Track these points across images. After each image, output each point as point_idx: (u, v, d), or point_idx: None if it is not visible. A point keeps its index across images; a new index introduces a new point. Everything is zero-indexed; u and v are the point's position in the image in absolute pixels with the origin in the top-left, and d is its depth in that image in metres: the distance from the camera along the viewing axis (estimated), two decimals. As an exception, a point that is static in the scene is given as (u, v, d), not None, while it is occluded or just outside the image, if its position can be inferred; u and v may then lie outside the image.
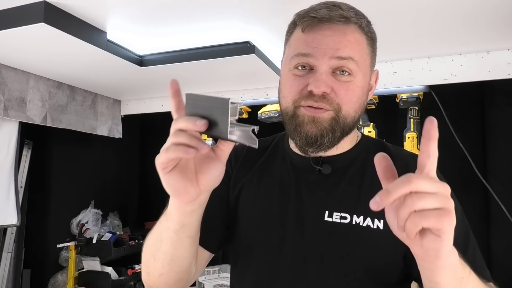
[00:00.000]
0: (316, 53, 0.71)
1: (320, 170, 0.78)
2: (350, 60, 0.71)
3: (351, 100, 0.72)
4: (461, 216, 0.75)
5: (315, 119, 0.71)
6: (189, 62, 1.97)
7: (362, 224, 0.72)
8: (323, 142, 0.72)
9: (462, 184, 2.21)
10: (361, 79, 0.74)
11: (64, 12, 1.55)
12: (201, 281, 2.54)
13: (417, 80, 2.08)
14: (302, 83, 0.72)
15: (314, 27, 0.72)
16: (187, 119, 0.54)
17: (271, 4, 1.47)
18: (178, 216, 0.64)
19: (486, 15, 1.55)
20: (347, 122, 0.73)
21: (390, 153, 0.76)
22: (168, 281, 0.74)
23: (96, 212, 2.89)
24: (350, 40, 0.72)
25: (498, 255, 2.10)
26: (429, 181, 0.48)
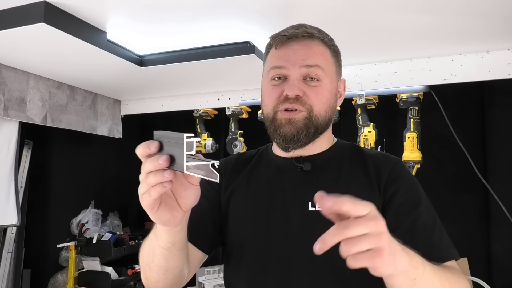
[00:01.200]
0: (288, 65, 0.85)
1: (302, 168, 0.89)
2: (317, 67, 0.85)
3: (321, 101, 0.85)
4: (427, 205, 0.85)
5: (291, 120, 0.84)
6: (189, 62, 1.97)
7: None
8: (300, 138, 0.84)
9: (462, 184, 2.21)
10: (328, 84, 0.87)
11: (64, 12, 1.55)
12: (201, 281, 2.54)
13: (417, 80, 2.08)
14: (279, 91, 0.85)
15: (284, 43, 0.87)
16: (151, 160, 0.58)
17: (271, 4, 1.47)
18: (168, 237, 0.72)
19: (486, 15, 1.55)
20: (319, 120, 0.85)
21: (363, 153, 0.91)
22: (164, 285, 0.83)
23: (96, 212, 2.89)
24: (315, 51, 0.86)
25: (498, 255, 2.10)
26: (357, 226, 0.51)
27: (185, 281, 0.89)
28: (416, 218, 0.81)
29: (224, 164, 1.01)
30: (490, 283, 1.87)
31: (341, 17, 1.56)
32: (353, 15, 1.54)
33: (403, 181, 0.86)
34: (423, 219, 0.82)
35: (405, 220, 0.81)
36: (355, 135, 2.21)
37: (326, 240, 0.52)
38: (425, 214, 0.82)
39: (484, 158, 2.18)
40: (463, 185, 2.20)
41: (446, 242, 0.83)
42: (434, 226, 0.83)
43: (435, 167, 2.23)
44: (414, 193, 0.85)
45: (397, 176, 0.86)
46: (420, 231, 0.80)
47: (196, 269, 0.93)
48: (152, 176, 0.58)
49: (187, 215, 0.71)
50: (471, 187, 2.18)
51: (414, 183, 0.88)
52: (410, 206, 0.82)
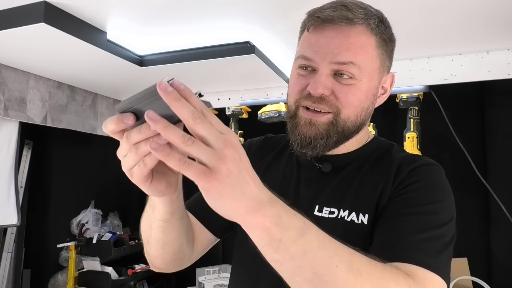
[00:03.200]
0: (317, 57, 0.72)
1: (320, 168, 0.80)
2: (351, 65, 0.70)
3: (352, 104, 0.72)
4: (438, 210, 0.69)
5: (312, 122, 0.72)
6: (189, 62, 1.97)
7: (347, 218, 0.73)
8: (317, 145, 0.73)
9: (462, 184, 2.21)
10: (365, 83, 0.72)
11: (64, 12, 1.55)
12: (201, 281, 2.54)
13: (417, 80, 2.08)
14: (304, 83, 0.73)
15: (317, 27, 0.73)
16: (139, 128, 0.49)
17: (271, 4, 1.47)
18: (165, 208, 0.64)
19: (486, 15, 1.55)
20: (346, 126, 0.73)
21: (392, 156, 0.79)
22: (163, 261, 0.76)
23: (96, 212, 2.89)
24: (353, 42, 0.71)
25: (498, 255, 2.10)
26: (207, 128, 0.44)
27: (189, 261, 0.83)
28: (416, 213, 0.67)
29: (249, 146, 0.92)
30: (490, 283, 1.87)
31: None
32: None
33: (415, 180, 0.71)
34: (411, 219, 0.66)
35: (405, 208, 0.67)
36: (355, 135, 2.21)
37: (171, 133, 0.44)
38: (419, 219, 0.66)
39: (484, 158, 2.18)
40: (463, 185, 2.20)
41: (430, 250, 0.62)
42: (434, 230, 0.65)
43: (435, 167, 2.22)
44: (424, 194, 0.69)
45: (412, 175, 0.72)
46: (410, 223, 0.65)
47: (202, 252, 0.87)
48: (143, 145, 0.49)
49: (180, 178, 0.62)
50: (471, 187, 2.18)
51: (432, 189, 0.71)
52: (406, 203, 0.69)
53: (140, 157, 0.51)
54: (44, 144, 2.79)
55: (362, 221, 0.72)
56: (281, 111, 2.31)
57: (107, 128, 0.51)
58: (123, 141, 0.51)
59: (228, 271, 2.59)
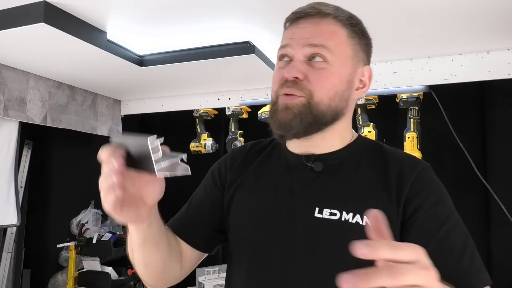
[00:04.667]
0: (292, 43, 0.77)
1: (312, 168, 0.80)
2: (322, 47, 0.75)
3: (324, 87, 0.75)
4: (456, 221, 0.74)
5: (287, 105, 0.75)
6: (189, 62, 1.97)
7: (351, 220, 0.74)
8: (291, 125, 0.75)
9: (462, 184, 2.20)
10: (338, 68, 0.76)
11: (64, 12, 1.55)
12: (201, 281, 2.54)
13: (417, 80, 2.08)
14: (282, 73, 0.77)
15: (293, 22, 0.80)
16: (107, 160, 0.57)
17: (271, 4, 1.47)
18: (138, 234, 0.71)
19: (486, 15, 1.55)
20: (320, 109, 0.75)
21: (386, 155, 0.80)
22: (149, 279, 0.81)
23: (96, 212, 2.89)
24: (323, 29, 0.77)
25: (498, 255, 2.10)
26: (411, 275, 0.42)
27: (180, 278, 0.86)
28: (443, 237, 0.71)
29: (231, 156, 0.94)
30: (490, 283, 1.87)
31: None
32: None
33: (429, 192, 0.75)
34: (452, 238, 0.71)
35: (431, 239, 0.70)
36: (355, 135, 2.21)
37: (370, 279, 0.40)
38: (454, 233, 0.72)
39: (484, 158, 2.18)
40: (463, 185, 2.20)
41: (477, 266, 0.71)
42: (465, 247, 0.71)
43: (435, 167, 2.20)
44: (442, 207, 0.74)
45: (422, 186, 0.75)
46: (447, 253, 0.70)
47: (192, 267, 0.90)
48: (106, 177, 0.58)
49: (154, 210, 0.69)
50: (471, 187, 2.18)
51: (442, 195, 0.76)
52: (437, 222, 0.72)
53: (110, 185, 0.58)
54: (44, 144, 2.79)
55: (367, 223, 0.72)
56: (281, 111, 2.31)
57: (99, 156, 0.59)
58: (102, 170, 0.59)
59: (228, 271, 2.59)
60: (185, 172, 0.56)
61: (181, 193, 1.15)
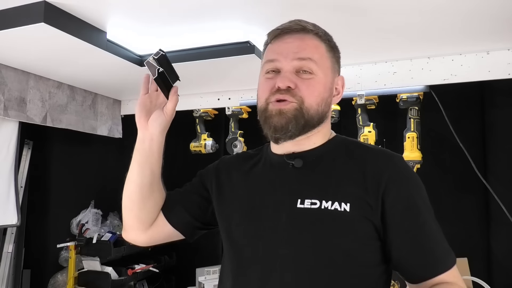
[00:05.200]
0: (280, 57, 0.87)
1: (293, 164, 0.89)
2: (309, 60, 0.85)
3: (313, 94, 0.85)
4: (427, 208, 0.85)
5: (281, 111, 0.85)
6: (189, 62, 1.97)
7: (331, 208, 0.82)
8: (288, 128, 0.85)
9: (462, 184, 2.20)
10: (322, 78, 0.87)
11: (64, 12, 1.55)
12: (201, 281, 2.54)
13: (417, 80, 2.08)
14: (272, 83, 0.87)
15: (278, 37, 0.89)
16: None
17: (271, 4, 1.47)
18: (144, 145, 0.98)
19: (486, 15, 1.55)
20: (310, 113, 0.85)
21: (361, 149, 0.91)
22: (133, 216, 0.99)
23: (96, 212, 2.89)
24: (309, 44, 0.87)
25: (498, 255, 2.10)
26: None
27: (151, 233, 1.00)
28: (418, 229, 0.82)
29: (218, 163, 1.05)
30: (490, 283, 1.87)
31: (342, 17, 1.55)
32: (353, 16, 1.54)
33: (405, 184, 0.84)
34: (426, 228, 0.83)
35: (406, 231, 0.82)
36: (355, 135, 2.21)
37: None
38: (428, 223, 0.83)
39: (484, 158, 2.18)
40: (463, 185, 2.20)
41: (443, 249, 0.83)
42: (436, 235, 0.83)
43: (435, 167, 2.22)
44: (417, 199, 0.84)
45: (398, 179, 0.84)
46: (421, 243, 0.82)
47: (161, 238, 1.02)
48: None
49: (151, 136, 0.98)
50: (471, 187, 2.18)
51: (416, 186, 0.86)
52: (412, 214, 0.82)
53: None
54: (44, 144, 2.78)
55: (345, 209, 0.81)
56: (281, 111, 2.31)
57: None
58: None
59: (228, 271, 2.59)
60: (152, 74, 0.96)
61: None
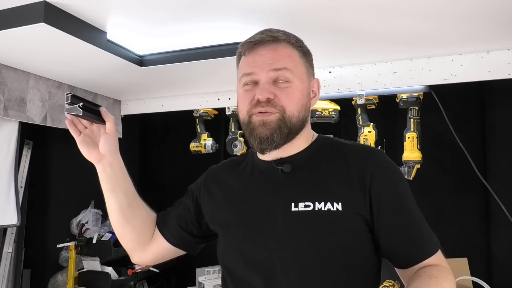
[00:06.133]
0: (256, 70, 0.89)
1: (282, 170, 0.92)
2: (285, 70, 0.88)
3: (293, 102, 0.88)
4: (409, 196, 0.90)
5: (264, 122, 0.87)
6: (189, 62, 1.97)
7: (324, 208, 0.85)
8: (274, 139, 0.87)
9: (462, 184, 2.21)
10: (299, 85, 0.90)
11: (64, 12, 1.55)
12: (201, 281, 2.54)
13: (417, 80, 2.08)
14: (251, 95, 0.89)
15: (251, 49, 0.92)
16: None
17: (271, 4, 1.47)
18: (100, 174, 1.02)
19: (486, 15, 1.55)
20: (292, 121, 0.88)
21: (342, 147, 0.95)
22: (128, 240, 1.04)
23: (96, 212, 2.89)
24: (282, 54, 0.89)
25: (498, 255, 2.10)
26: None
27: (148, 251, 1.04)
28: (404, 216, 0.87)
29: (206, 176, 1.08)
30: (490, 283, 1.87)
31: (341, 17, 1.55)
32: (353, 16, 1.54)
33: (388, 176, 0.89)
34: (410, 216, 0.88)
35: (393, 219, 0.86)
36: (355, 135, 2.21)
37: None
38: (412, 209, 0.88)
39: (484, 158, 2.18)
40: (463, 185, 2.20)
41: (427, 234, 0.88)
42: (420, 221, 0.89)
43: (435, 167, 2.23)
44: (400, 187, 0.89)
45: (381, 171, 0.89)
46: (407, 229, 0.87)
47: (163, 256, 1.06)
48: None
49: (109, 162, 1.00)
50: (471, 187, 2.18)
51: (398, 176, 0.91)
52: (397, 202, 0.88)
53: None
54: (44, 144, 2.78)
55: (337, 208, 0.85)
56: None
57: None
58: None
59: (228, 271, 2.59)
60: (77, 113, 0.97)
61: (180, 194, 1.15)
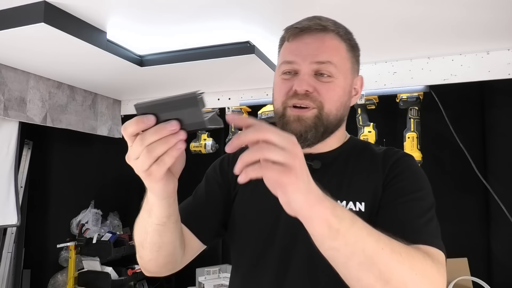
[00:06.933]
0: (298, 59, 0.82)
1: (311, 165, 0.84)
2: (329, 64, 0.81)
3: (332, 99, 0.81)
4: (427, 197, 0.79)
5: (300, 117, 0.81)
6: (189, 62, 1.97)
7: (345, 208, 0.78)
8: (307, 137, 0.81)
9: (462, 184, 2.21)
10: (342, 81, 0.83)
11: (64, 12, 1.55)
12: (201, 281, 2.54)
13: (417, 80, 2.08)
14: (289, 85, 0.82)
15: (296, 36, 0.83)
16: (156, 129, 0.55)
17: (271, 4, 1.47)
18: (164, 211, 0.69)
19: (486, 15, 1.55)
20: (329, 119, 0.82)
21: (373, 151, 0.90)
22: (157, 264, 0.81)
23: (96, 212, 2.89)
24: (328, 45, 0.82)
25: (498, 255, 2.10)
26: (278, 135, 0.52)
27: (180, 265, 0.87)
28: (404, 201, 0.78)
29: (233, 156, 0.97)
30: (490, 283, 1.87)
31: (341, 17, 1.55)
32: (353, 16, 1.54)
33: (407, 169, 0.82)
34: (411, 204, 0.78)
35: (393, 201, 0.78)
36: (355, 135, 2.20)
37: (240, 136, 0.52)
38: (416, 203, 0.78)
39: (484, 158, 2.18)
40: (463, 185, 2.20)
41: (432, 232, 0.76)
42: (423, 216, 0.77)
43: (435, 167, 2.22)
44: (417, 182, 0.81)
45: (397, 166, 0.83)
46: (404, 213, 0.76)
47: (193, 256, 0.92)
48: (160, 144, 0.55)
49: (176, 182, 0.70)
50: (471, 187, 2.18)
51: (420, 175, 0.83)
52: (402, 192, 0.79)
53: (155, 158, 0.56)
54: (44, 144, 2.79)
55: (360, 209, 0.80)
56: (281, 111, 2.31)
57: (127, 131, 0.56)
58: (136, 143, 0.56)
59: (228, 271, 2.59)
60: (220, 125, 0.57)
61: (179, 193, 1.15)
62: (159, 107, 0.55)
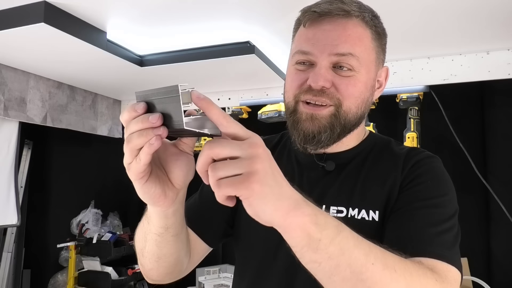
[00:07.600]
0: (315, 50, 0.70)
1: (324, 167, 0.77)
2: (350, 56, 0.69)
3: (353, 95, 0.71)
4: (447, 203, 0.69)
5: (314, 116, 0.71)
6: (189, 62, 1.97)
7: (357, 217, 0.72)
8: (321, 139, 0.71)
9: (462, 184, 2.20)
10: (364, 75, 0.72)
11: (64, 12, 1.55)
12: (201, 281, 2.54)
13: (417, 80, 2.08)
14: (303, 78, 0.72)
15: (314, 21, 0.72)
16: (136, 120, 0.48)
17: (271, 4, 1.47)
18: (160, 221, 0.62)
19: (486, 15, 1.55)
20: (348, 118, 0.72)
21: (394, 150, 0.78)
22: (158, 274, 0.74)
23: (96, 212, 2.89)
24: (351, 34, 0.70)
25: (498, 255, 2.10)
26: (229, 145, 0.44)
27: (186, 272, 0.81)
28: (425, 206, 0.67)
29: None
30: (490, 283, 1.87)
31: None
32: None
33: (428, 171, 0.72)
34: (435, 211, 0.67)
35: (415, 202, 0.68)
36: (355, 135, 2.21)
37: (198, 166, 0.46)
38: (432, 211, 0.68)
39: (484, 158, 2.18)
40: (463, 185, 2.19)
41: (446, 243, 0.64)
42: (439, 225, 0.66)
43: (435, 167, 2.22)
44: (437, 186, 0.70)
45: (423, 165, 0.73)
46: (415, 220, 0.66)
47: (199, 260, 0.85)
48: (136, 137, 0.48)
49: (182, 196, 0.61)
50: (471, 187, 2.18)
51: (443, 179, 0.72)
52: (426, 194, 0.69)
53: (133, 151, 0.49)
54: (44, 144, 2.79)
55: (373, 218, 0.71)
56: (281, 111, 2.31)
57: (123, 117, 0.51)
58: (125, 133, 0.50)
59: (228, 271, 2.59)
60: (215, 131, 0.47)
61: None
62: (154, 97, 0.49)
